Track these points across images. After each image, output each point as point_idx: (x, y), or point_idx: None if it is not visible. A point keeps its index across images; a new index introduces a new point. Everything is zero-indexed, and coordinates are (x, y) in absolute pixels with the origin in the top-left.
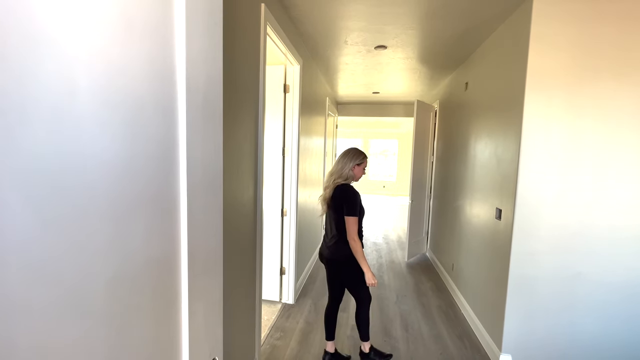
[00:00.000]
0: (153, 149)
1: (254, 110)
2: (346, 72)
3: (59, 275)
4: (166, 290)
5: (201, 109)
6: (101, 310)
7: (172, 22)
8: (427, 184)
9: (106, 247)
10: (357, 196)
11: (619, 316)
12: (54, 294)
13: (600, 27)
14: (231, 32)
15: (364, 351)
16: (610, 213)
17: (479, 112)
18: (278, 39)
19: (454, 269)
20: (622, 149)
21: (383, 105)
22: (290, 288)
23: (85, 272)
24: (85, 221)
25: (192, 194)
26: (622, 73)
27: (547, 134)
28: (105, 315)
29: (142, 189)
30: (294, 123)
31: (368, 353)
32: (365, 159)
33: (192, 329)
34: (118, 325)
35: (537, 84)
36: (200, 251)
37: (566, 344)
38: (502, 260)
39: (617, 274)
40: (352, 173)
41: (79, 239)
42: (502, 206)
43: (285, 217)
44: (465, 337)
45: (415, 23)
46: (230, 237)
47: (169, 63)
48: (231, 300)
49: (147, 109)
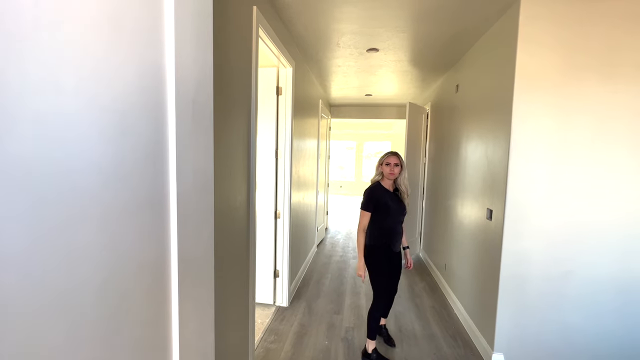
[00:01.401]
0: (142, 153)
1: (246, 113)
2: (339, 75)
3: (46, 281)
4: (156, 295)
5: (191, 112)
6: (90, 316)
7: (161, 25)
8: (419, 185)
9: (95, 252)
10: (372, 194)
11: (608, 313)
12: (41, 300)
13: (586, 27)
14: (222, 34)
15: (366, 350)
16: (598, 211)
17: (470, 113)
18: (270, 41)
19: (447, 269)
20: (609, 147)
21: (376, 108)
22: (284, 291)
23: (73, 277)
24: (73, 226)
25: (183, 198)
26: (609, 73)
27: (535, 135)
28: (94, 320)
29: (132, 194)
30: (287, 125)
31: (370, 354)
32: (385, 157)
33: (183, 334)
34: (107, 330)
35: (526, 85)
36: (191, 255)
37: (557, 341)
38: (493, 259)
39: (606, 271)
40: (381, 171)
41: (65, 244)
42: (492, 206)
43: (279, 219)
44: (459, 337)
45: (407, 26)
46: (223, 240)
47: (159, 66)
48: (224, 304)
49: (135, 113)
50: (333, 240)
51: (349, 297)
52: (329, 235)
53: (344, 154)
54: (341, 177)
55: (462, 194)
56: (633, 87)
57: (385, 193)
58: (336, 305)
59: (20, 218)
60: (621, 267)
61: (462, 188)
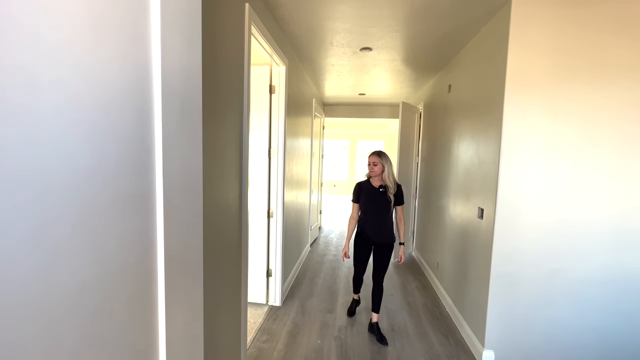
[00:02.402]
0: (125, 150)
1: (239, 111)
2: (332, 74)
3: (19, 282)
4: (142, 296)
5: (178, 109)
6: (69, 317)
7: (146, 20)
8: (412, 184)
9: (73, 253)
10: (356, 188)
11: (597, 310)
12: (14, 301)
13: (576, 29)
14: (214, 32)
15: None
16: (587, 210)
17: (462, 113)
18: (263, 39)
19: (439, 268)
20: (597, 147)
21: (369, 107)
22: (277, 290)
23: (49, 279)
24: (49, 227)
25: (169, 196)
26: (597, 73)
27: (526, 134)
28: (73, 321)
29: (114, 194)
30: (280, 124)
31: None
32: (369, 157)
33: (170, 335)
34: (88, 332)
35: (516, 85)
36: (179, 254)
37: (546, 338)
38: (484, 258)
39: (594, 268)
40: (368, 170)
41: (41, 245)
42: (484, 205)
43: (272, 218)
44: (450, 335)
45: (399, 25)
46: (214, 239)
47: (143, 61)
48: (215, 304)
49: (118, 109)
50: (326, 239)
51: (342, 296)
52: (322, 234)
53: (338, 153)
54: (335, 176)
55: (454, 193)
56: (619, 88)
57: (369, 189)
58: (329, 304)
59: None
60: (609, 265)
61: (454, 187)
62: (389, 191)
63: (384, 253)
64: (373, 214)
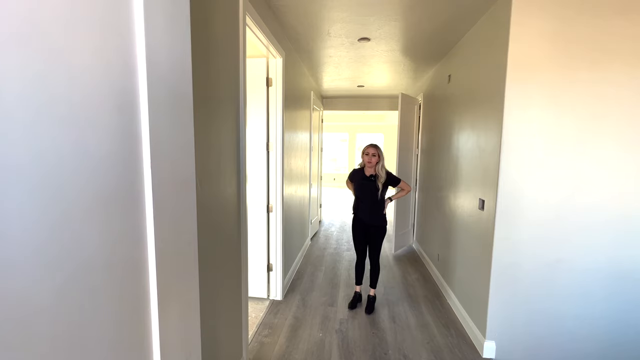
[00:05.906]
0: (109, 145)
1: (235, 104)
2: (330, 65)
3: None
4: (132, 294)
5: (167, 102)
6: (49, 319)
7: (129, 8)
8: (412, 176)
9: (54, 251)
10: (351, 173)
11: (598, 301)
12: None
13: (578, 15)
14: (207, 22)
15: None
16: (588, 200)
17: (462, 104)
18: (259, 30)
19: (440, 260)
20: (599, 137)
21: (368, 99)
22: (278, 284)
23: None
24: (25, 225)
25: (159, 192)
26: (600, 61)
27: (527, 125)
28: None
29: (97, 190)
30: (278, 117)
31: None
32: (366, 148)
33: (164, 333)
34: (70, 328)
35: (518, 74)
36: (171, 251)
37: (548, 329)
38: (485, 249)
39: (595, 259)
40: (362, 159)
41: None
42: (484, 196)
43: (271, 213)
44: (451, 326)
45: (398, 14)
46: (213, 234)
47: (126, 51)
48: (216, 299)
49: (97, 101)
50: (327, 233)
51: (343, 290)
52: (322, 228)
53: (337, 146)
54: (334, 169)
55: (455, 185)
56: (623, 76)
57: (362, 177)
58: (330, 297)
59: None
60: (611, 257)
61: (454, 178)
62: (379, 180)
63: (376, 235)
64: (364, 198)
